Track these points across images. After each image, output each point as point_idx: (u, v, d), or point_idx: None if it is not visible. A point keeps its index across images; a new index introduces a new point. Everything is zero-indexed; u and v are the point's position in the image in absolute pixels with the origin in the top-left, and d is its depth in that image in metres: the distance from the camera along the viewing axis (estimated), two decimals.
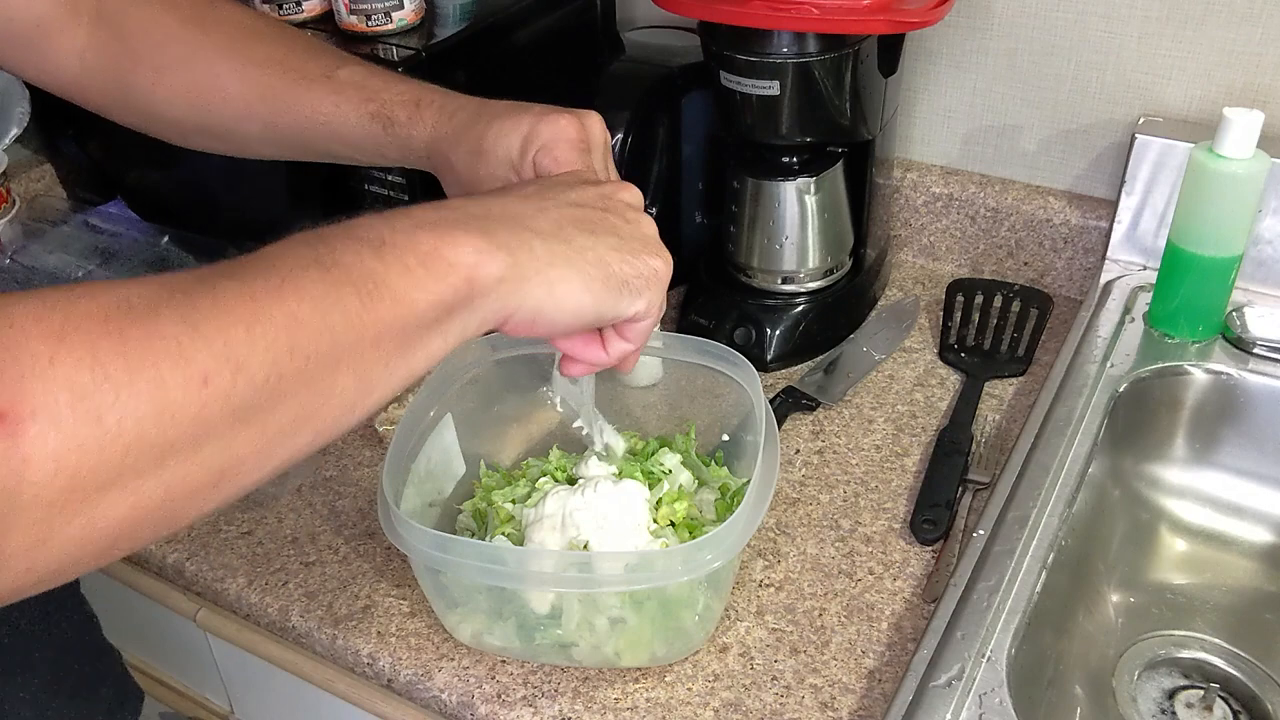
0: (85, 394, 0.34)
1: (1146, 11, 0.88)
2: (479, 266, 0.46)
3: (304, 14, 0.88)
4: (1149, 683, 0.76)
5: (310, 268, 0.41)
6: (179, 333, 0.37)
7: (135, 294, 0.37)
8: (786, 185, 0.90)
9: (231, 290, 0.39)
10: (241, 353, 0.38)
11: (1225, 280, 0.84)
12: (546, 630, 0.65)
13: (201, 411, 0.37)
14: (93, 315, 0.36)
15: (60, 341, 0.34)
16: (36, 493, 0.33)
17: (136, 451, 0.36)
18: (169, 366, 0.36)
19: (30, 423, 0.33)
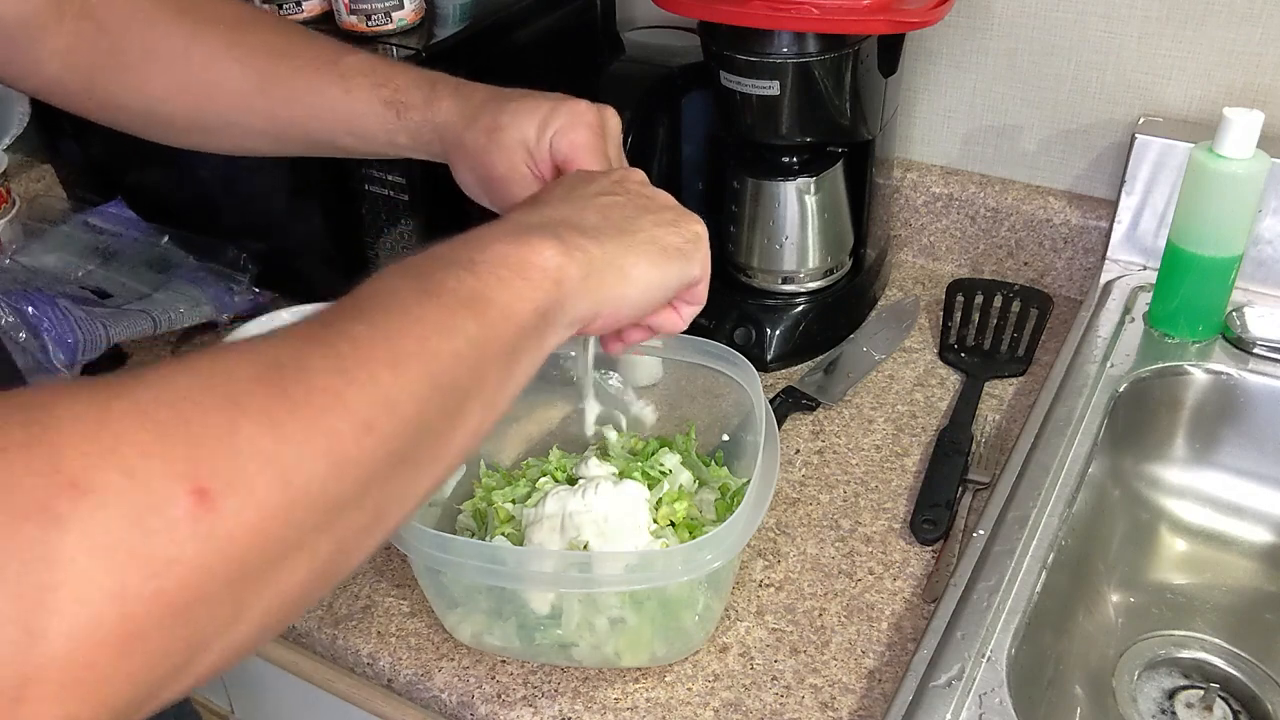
0: (271, 459, 0.34)
1: (1146, 11, 0.88)
2: (563, 268, 0.46)
3: (304, 14, 0.88)
4: (1149, 683, 0.76)
5: (423, 299, 0.42)
6: (336, 384, 0.37)
7: (279, 351, 0.37)
8: (786, 185, 0.90)
9: (365, 334, 0.39)
10: (393, 394, 0.38)
11: (1225, 280, 0.84)
12: (546, 630, 0.65)
13: (368, 459, 0.37)
14: (253, 378, 0.35)
15: (236, 407, 0.34)
16: (233, 569, 0.32)
17: (317, 510, 0.35)
18: (337, 419, 0.36)
19: (226, 496, 0.32)
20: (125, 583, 0.29)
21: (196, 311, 0.94)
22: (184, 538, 0.31)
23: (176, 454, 0.31)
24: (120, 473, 0.30)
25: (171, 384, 0.33)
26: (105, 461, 0.30)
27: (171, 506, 0.31)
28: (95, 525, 0.29)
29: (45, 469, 0.29)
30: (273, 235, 1.00)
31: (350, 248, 0.94)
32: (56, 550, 0.28)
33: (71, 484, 0.29)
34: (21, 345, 0.79)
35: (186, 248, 1.01)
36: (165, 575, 0.30)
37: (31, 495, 0.28)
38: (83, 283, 0.96)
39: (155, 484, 0.31)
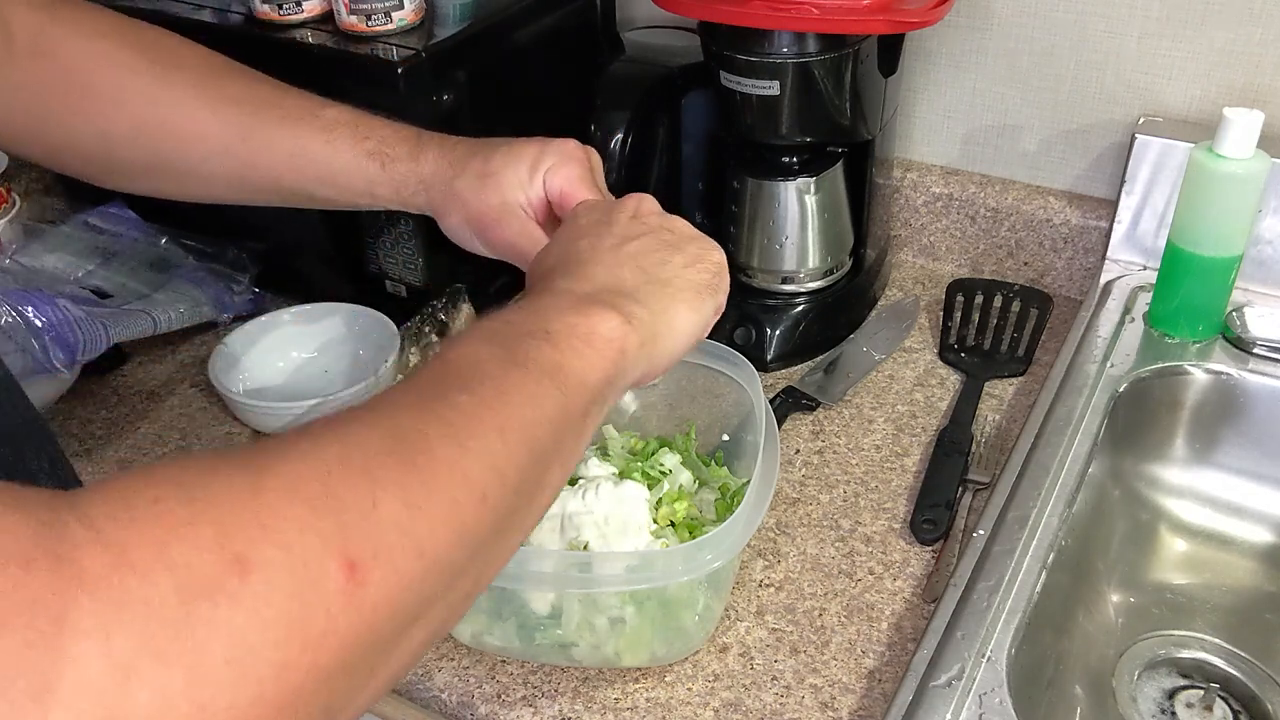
0: (408, 530, 0.35)
1: (1146, 11, 0.88)
2: (625, 338, 0.48)
3: (304, 14, 0.88)
4: (1149, 683, 0.76)
5: (512, 369, 0.43)
6: (454, 454, 0.38)
7: (397, 421, 0.38)
8: (786, 185, 0.90)
9: (469, 404, 0.40)
10: (502, 463, 0.40)
11: (1225, 280, 0.84)
12: (546, 630, 0.65)
13: (480, 527, 0.38)
14: (383, 449, 0.36)
15: (373, 480, 0.35)
16: (374, 638, 0.33)
17: (441, 579, 0.36)
18: (458, 489, 0.37)
19: (372, 568, 0.33)
20: (287, 657, 0.30)
21: (196, 311, 0.94)
22: (337, 610, 0.32)
23: (327, 528, 0.32)
24: (279, 548, 0.31)
25: (311, 459, 0.34)
26: (265, 537, 0.31)
27: (327, 580, 0.32)
28: (261, 601, 0.30)
29: (212, 546, 0.30)
30: (273, 235, 1.00)
31: (350, 248, 0.94)
32: (227, 627, 0.29)
33: (237, 560, 0.30)
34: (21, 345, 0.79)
35: (186, 248, 1.01)
36: (320, 647, 0.31)
37: (202, 573, 0.29)
38: (83, 283, 0.96)
39: (311, 558, 0.31)
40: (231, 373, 0.89)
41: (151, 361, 0.97)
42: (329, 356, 0.93)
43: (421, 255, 0.91)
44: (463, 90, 0.87)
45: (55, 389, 0.89)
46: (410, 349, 0.89)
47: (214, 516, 0.30)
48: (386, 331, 0.89)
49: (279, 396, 0.89)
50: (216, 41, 0.92)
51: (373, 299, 0.93)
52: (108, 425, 0.90)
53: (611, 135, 0.89)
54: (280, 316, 0.93)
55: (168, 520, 0.30)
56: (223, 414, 0.90)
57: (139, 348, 0.97)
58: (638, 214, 0.57)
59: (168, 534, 0.29)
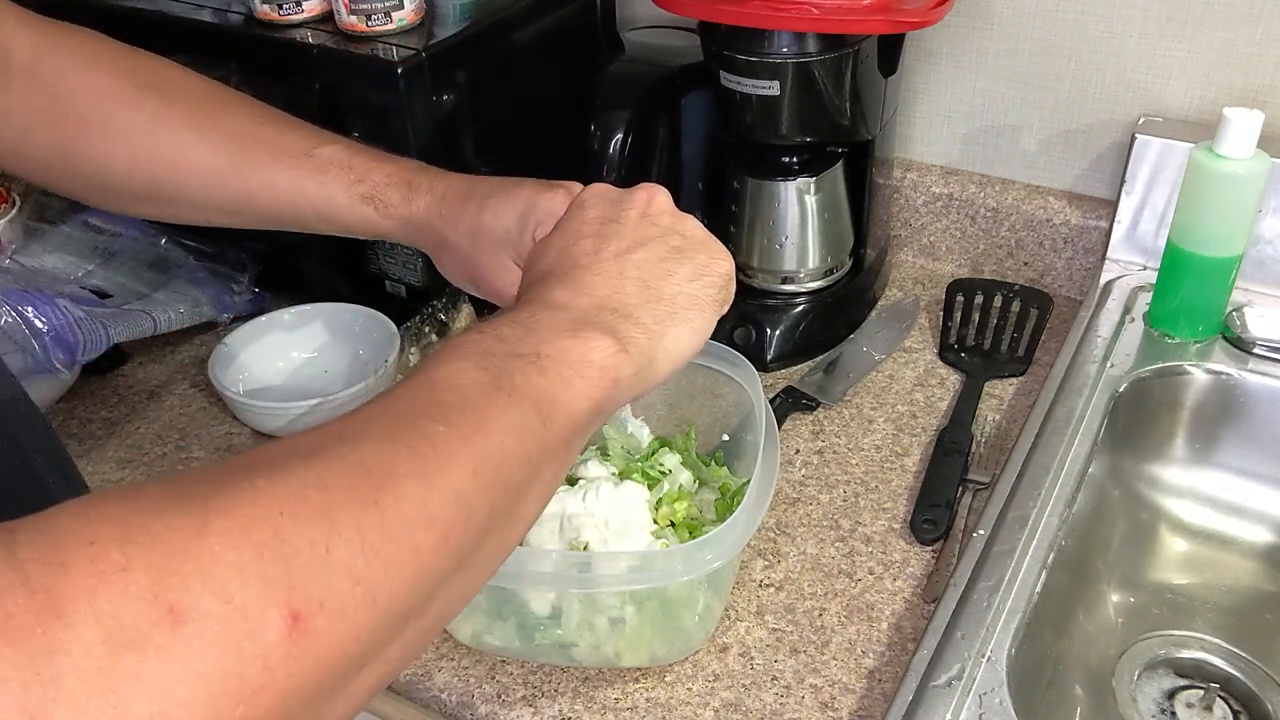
0: (362, 577, 0.33)
1: (1146, 11, 0.88)
2: (619, 367, 0.46)
3: (304, 14, 0.88)
4: (1149, 683, 0.76)
5: (495, 395, 0.41)
6: (422, 494, 0.36)
7: (365, 453, 0.36)
8: (786, 185, 0.90)
9: (444, 436, 0.38)
10: (471, 501, 0.38)
11: (1225, 280, 0.84)
12: (546, 630, 0.65)
13: (441, 568, 0.37)
14: (345, 487, 0.34)
15: (330, 523, 0.33)
16: (318, 689, 0.32)
17: (396, 624, 0.35)
18: (421, 532, 0.36)
19: (318, 617, 0.31)
20: (217, 712, 0.29)
21: (196, 311, 0.94)
22: (276, 663, 0.30)
23: (273, 577, 0.31)
24: (218, 598, 0.29)
25: (266, 496, 0.33)
26: (204, 586, 0.29)
27: (266, 631, 0.30)
28: (193, 653, 0.28)
29: (144, 595, 0.28)
30: (273, 235, 0.99)
31: (350, 248, 0.94)
32: (155, 680, 0.28)
33: (170, 610, 0.28)
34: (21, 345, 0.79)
35: (186, 248, 1.01)
36: (255, 701, 0.30)
37: (131, 623, 0.28)
38: (83, 283, 0.96)
39: (252, 609, 0.30)
40: (231, 373, 0.89)
41: (151, 361, 0.97)
42: (329, 356, 0.93)
43: (421, 255, 0.91)
44: (463, 90, 0.87)
45: (55, 389, 0.89)
46: (410, 349, 0.89)
47: (150, 562, 0.29)
48: (386, 331, 0.89)
49: (279, 396, 0.89)
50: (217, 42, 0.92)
51: (373, 299, 0.93)
52: (108, 425, 0.90)
53: (611, 135, 0.89)
54: (280, 316, 0.93)
55: (100, 565, 0.28)
56: (223, 414, 0.90)
57: (139, 348, 0.97)
58: (648, 212, 0.55)
59: (98, 581, 0.28)
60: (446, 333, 0.90)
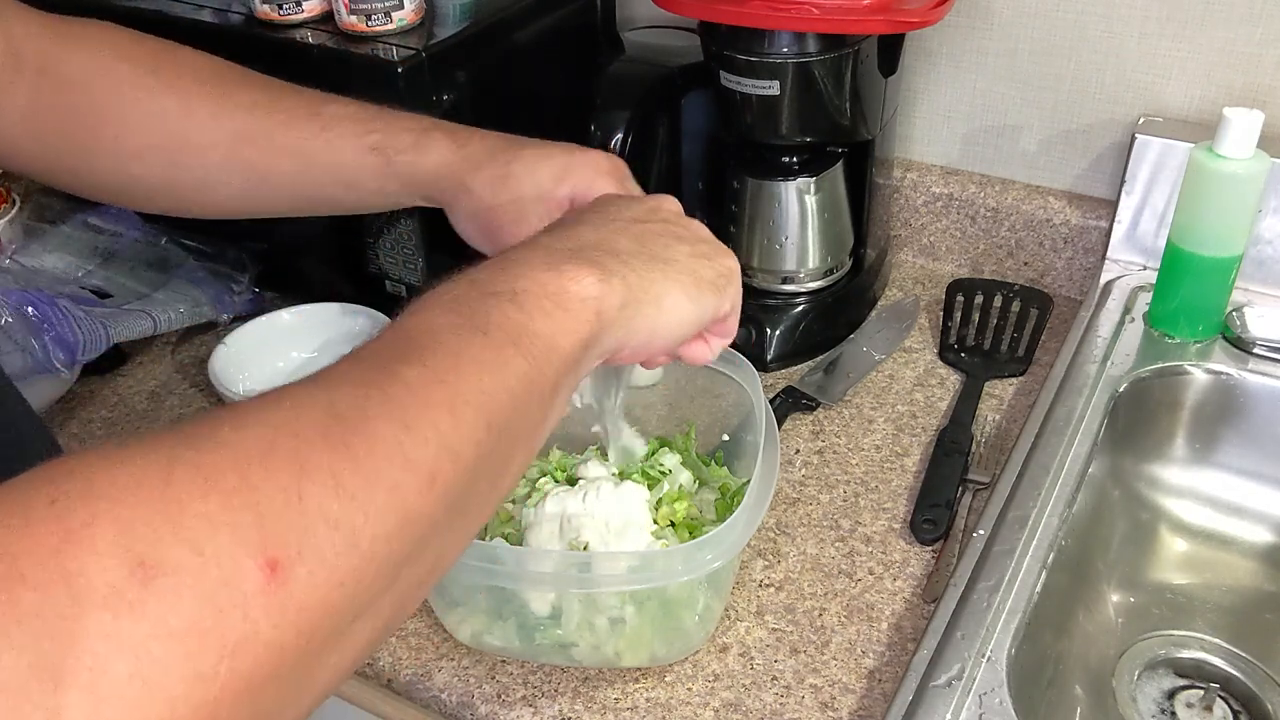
0: (339, 522, 0.32)
1: (1146, 11, 0.88)
2: (604, 298, 0.45)
3: (304, 14, 0.88)
4: (1149, 683, 0.76)
5: (472, 336, 0.40)
6: (397, 434, 0.35)
7: (335, 398, 0.35)
8: (786, 185, 0.90)
9: (419, 377, 0.37)
10: (452, 441, 0.37)
11: (1225, 280, 0.84)
12: (546, 630, 0.65)
13: (430, 511, 0.36)
14: (316, 432, 0.33)
15: (301, 468, 0.32)
16: (303, 642, 0.31)
17: (383, 572, 0.34)
18: (400, 472, 0.34)
19: (296, 565, 0.30)
20: (200, 669, 0.28)
21: (196, 311, 0.94)
22: (257, 614, 0.29)
23: (245, 523, 0.30)
24: (189, 550, 0.28)
25: (233, 445, 0.32)
26: (173, 536, 0.28)
27: (243, 581, 0.29)
28: (166, 609, 0.27)
29: (112, 550, 0.27)
30: (273, 235, 1.00)
31: (350, 248, 0.94)
32: (129, 640, 0.27)
33: (140, 564, 0.27)
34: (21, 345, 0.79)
35: (186, 248, 1.01)
36: (238, 655, 0.29)
37: (100, 580, 0.27)
38: (83, 283, 0.96)
39: (225, 559, 0.29)
40: (231, 373, 0.89)
41: (151, 361, 0.97)
42: (329, 356, 0.91)
43: (421, 255, 0.91)
44: (463, 90, 0.87)
45: (55, 389, 0.89)
46: None
47: (116, 515, 0.28)
48: None
49: None
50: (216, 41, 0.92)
51: (373, 299, 0.93)
52: (108, 425, 0.90)
53: (611, 135, 0.89)
54: (280, 316, 0.93)
55: (65, 522, 0.27)
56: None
57: (139, 348, 0.97)
58: (658, 208, 0.55)
59: (63, 540, 0.27)
60: None
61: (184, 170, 0.65)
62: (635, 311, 0.47)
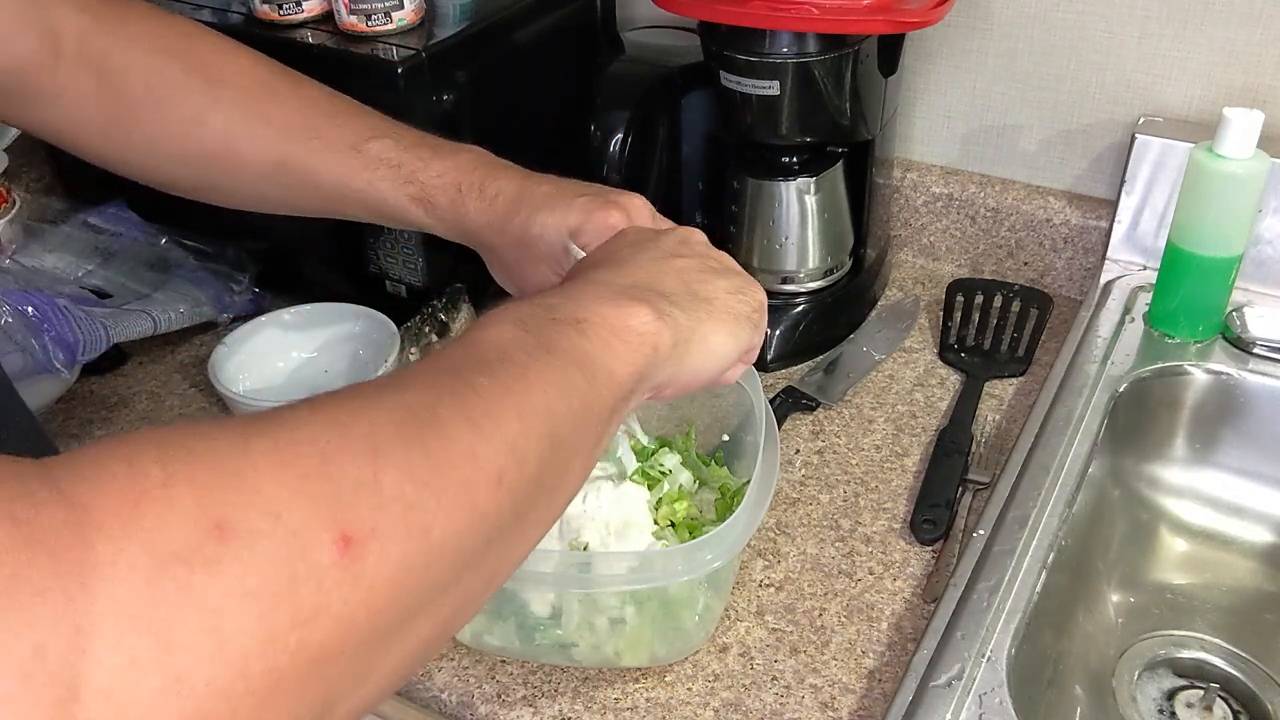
0: (413, 506, 0.32)
1: (1146, 11, 0.88)
2: (658, 335, 0.47)
3: (304, 14, 0.88)
4: (1149, 683, 0.76)
5: (539, 354, 0.42)
6: (467, 434, 0.36)
7: (408, 398, 0.36)
8: (786, 185, 0.90)
9: (489, 387, 0.38)
10: (520, 445, 0.38)
11: (1225, 280, 0.84)
12: (546, 630, 0.65)
13: (496, 513, 0.36)
14: (390, 424, 0.34)
15: (376, 454, 0.32)
16: (372, 623, 0.31)
17: (451, 565, 0.34)
18: (471, 470, 0.35)
19: (370, 543, 0.30)
20: (273, 631, 0.28)
21: (196, 311, 0.94)
22: (330, 586, 0.29)
23: (322, 497, 0.30)
24: (266, 516, 0.29)
25: (309, 426, 0.32)
26: (250, 502, 0.29)
27: (318, 552, 0.29)
28: (243, 569, 0.28)
29: (190, 511, 0.28)
30: (273, 235, 1.00)
31: (350, 248, 0.94)
32: (204, 595, 0.27)
33: (217, 526, 0.28)
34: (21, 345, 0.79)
35: (186, 248, 1.01)
36: (311, 625, 0.29)
37: (177, 537, 0.27)
38: (83, 283, 0.96)
39: (301, 528, 0.29)
40: (231, 373, 0.89)
41: (151, 361, 0.97)
42: (329, 356, 0.93)
43: (421, 255, 0.91)
44: (463, 90, 0.87)
45: (55, 389, 0.89)
46: (410, 349, 0.89)
47: (192, 478, 0.28)
48: (386, 331, 0.89)
49: (279, 396, 0.89)
50: None
51: (373, 299, 0.93)
52: (108, 425, 0.90)
53: (611, 135, 0.89)
54: (280, 316, 0.93)
55: (142, 482, 0.28)
56: (223, 414, 0.90)
57: (139, 348, 0.97)
58: (687, 240, 0.56)
59: (140, 496, 0.27)
60: (447, 333, 0.90)
61: (217, 179, 0.66)
62: (685, 350, 0.49)
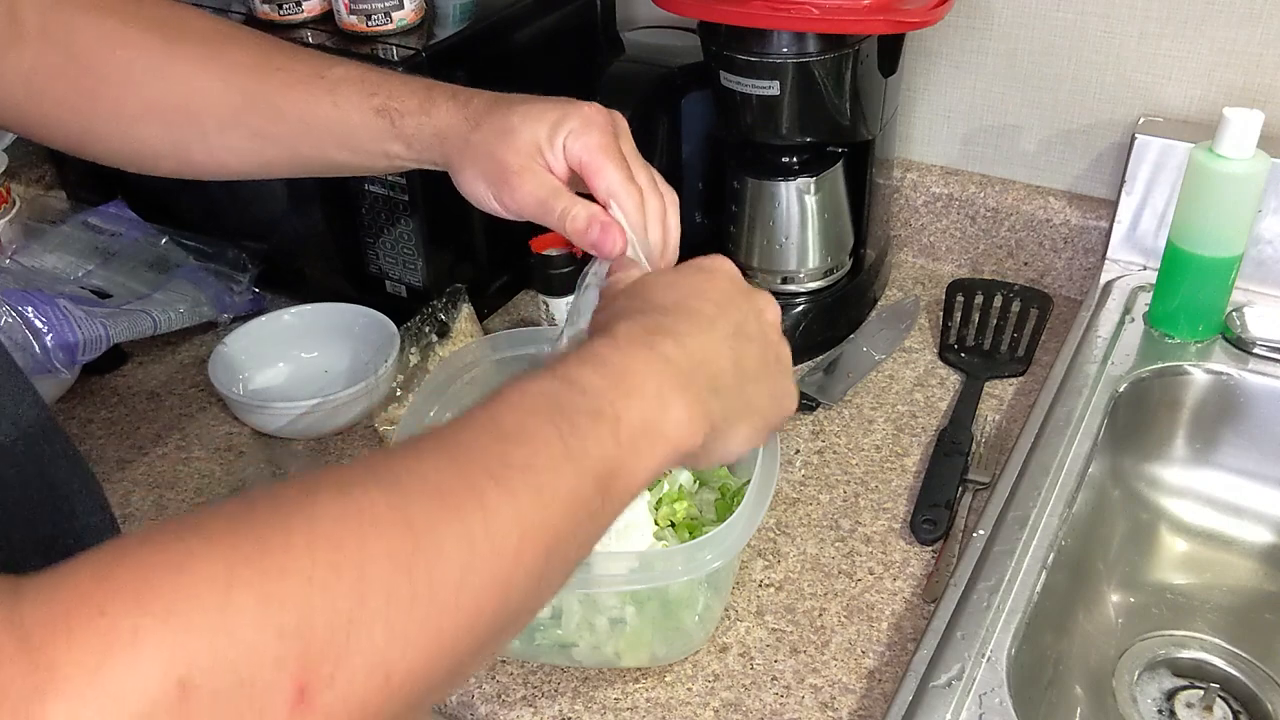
0: (381, 653, 0.32)
1: (1146, 11, 0.88)
2: (691, 438, 0.45)
3: (304, 14, 0.88)
4: (1149, 683, 0.76)
5: (563, 465, 0.39)
6: (462, 574, 0.35)
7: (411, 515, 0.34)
8: (786, 185, 0.90)
9: (497, 503, 0.37)
10: (512, 581, 0.37)
11: (1225, 280, 0.84)
12: (546, 630, 0.65)
13: (467, 649, 0.35)
14: (384, 555, 0.33)
15: (362, 600, 0.32)
16: None
17: (405, 702, 0.33)
18: (452, 614, 0.34)
19: (327, 692, 0.30)
20: None
21: (196, 311, 0.94)
22: None
23: (292, 654, 0.30)
24: (231, 676, 0.28)
25: (301, 556, 0.31)
26: (218, 658, 0.28)
27: (272, 705, 0.29)
28: None
29: (154, 668, 0.27)
30: (273, 235, 1.00)
31: (350, 248, 0.94)
32: None
33: (179, 684, 0.27)
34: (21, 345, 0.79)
35: (186, 248, 1.01)
36: None
37: (138, 697, 0.27)
38: (83, 283, 0.96)
39: (260, 683, 0.29)
40: (231, 373, 0.89)
41: (151, 361, 0.97)
42: (329, 356, 0.93)
43: (421, 255, 0.91)
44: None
45: (55, 389, 0.89)
46: (410, 349, 0.89)
47: (163, 633, 0.28)
48: (386, 331, 0.89)
49: (279, 396, 0.89)
50: None
51: (373, 299, 0.93)
52: (108, 425, 0.90)
53: None
54: (280, 316, 0.93)
55: (111, 636, 0.27)
56: (223, 414, 0.90)
57: (139, 348, 0.97)
58: (770, 320, 0.53)
59: (106, 651, 0.27)
60: (447, 333, 0.90)
61: (183, 134, 0.64)
62: (709, 446, 0.47)
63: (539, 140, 0.58)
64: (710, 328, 0.49)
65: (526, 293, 1.02)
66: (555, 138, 0.58)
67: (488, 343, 0.73)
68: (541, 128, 0.58)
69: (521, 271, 1.00)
